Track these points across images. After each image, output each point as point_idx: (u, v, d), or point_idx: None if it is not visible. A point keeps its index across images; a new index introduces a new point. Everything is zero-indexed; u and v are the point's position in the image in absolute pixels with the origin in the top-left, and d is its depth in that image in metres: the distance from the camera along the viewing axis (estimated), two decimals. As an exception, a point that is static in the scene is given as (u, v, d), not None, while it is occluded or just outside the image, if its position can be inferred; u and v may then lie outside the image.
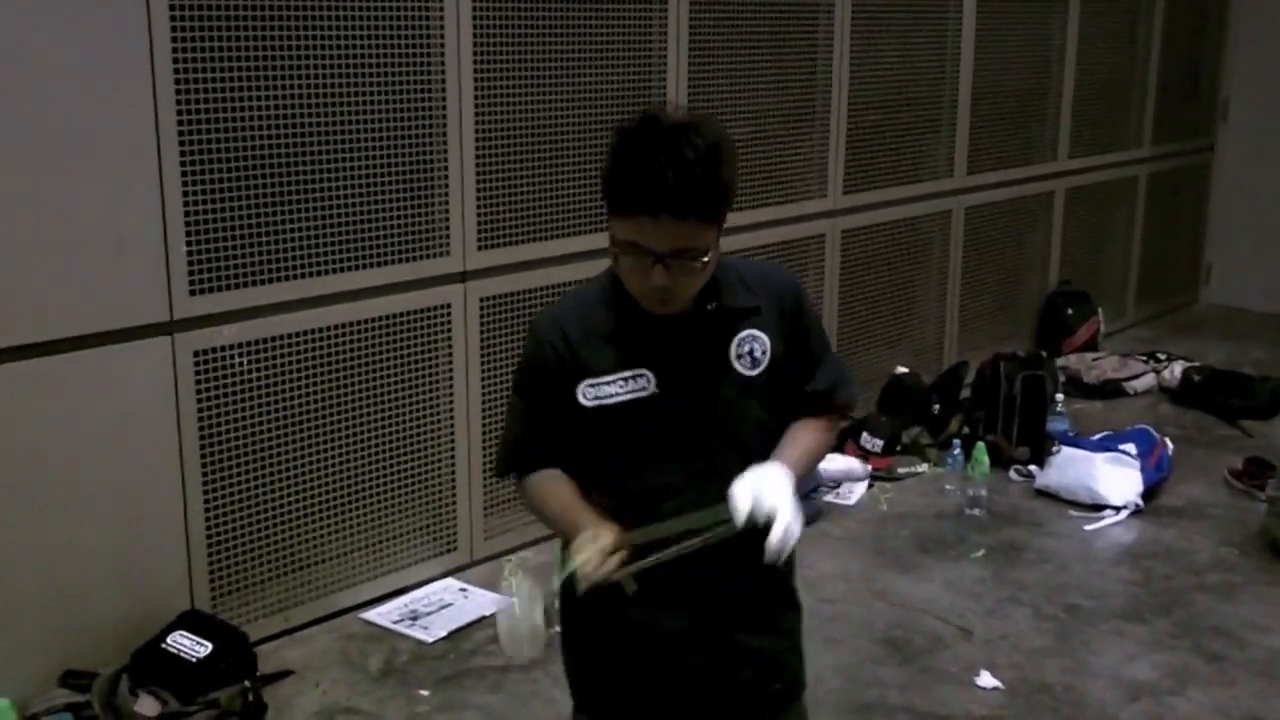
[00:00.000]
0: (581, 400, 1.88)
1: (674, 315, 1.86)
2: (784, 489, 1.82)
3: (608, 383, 1.88)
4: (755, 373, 1.92)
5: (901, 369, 5.25)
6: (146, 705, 2.93)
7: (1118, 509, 4.35)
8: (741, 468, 1.84)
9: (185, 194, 3.07)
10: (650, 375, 1.88)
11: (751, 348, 1.92)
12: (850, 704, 3.18)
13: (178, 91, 3.01)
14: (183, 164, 3.05)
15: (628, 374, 1.88)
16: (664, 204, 1.73)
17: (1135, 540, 4.22)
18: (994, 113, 5.67)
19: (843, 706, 3.17)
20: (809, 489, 4.25)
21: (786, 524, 1.79)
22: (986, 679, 3.28)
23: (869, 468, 4.58)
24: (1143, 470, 4.42)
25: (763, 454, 1.89)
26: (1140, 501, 4.38)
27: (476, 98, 3.61)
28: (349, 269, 3.43)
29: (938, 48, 5.31)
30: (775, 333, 1.93)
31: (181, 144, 3.04)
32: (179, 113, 3.02)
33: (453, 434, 3.76)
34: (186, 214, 3.08)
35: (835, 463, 4.48)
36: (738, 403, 1.92)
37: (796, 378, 1.97)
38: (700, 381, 1.90)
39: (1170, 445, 4.73)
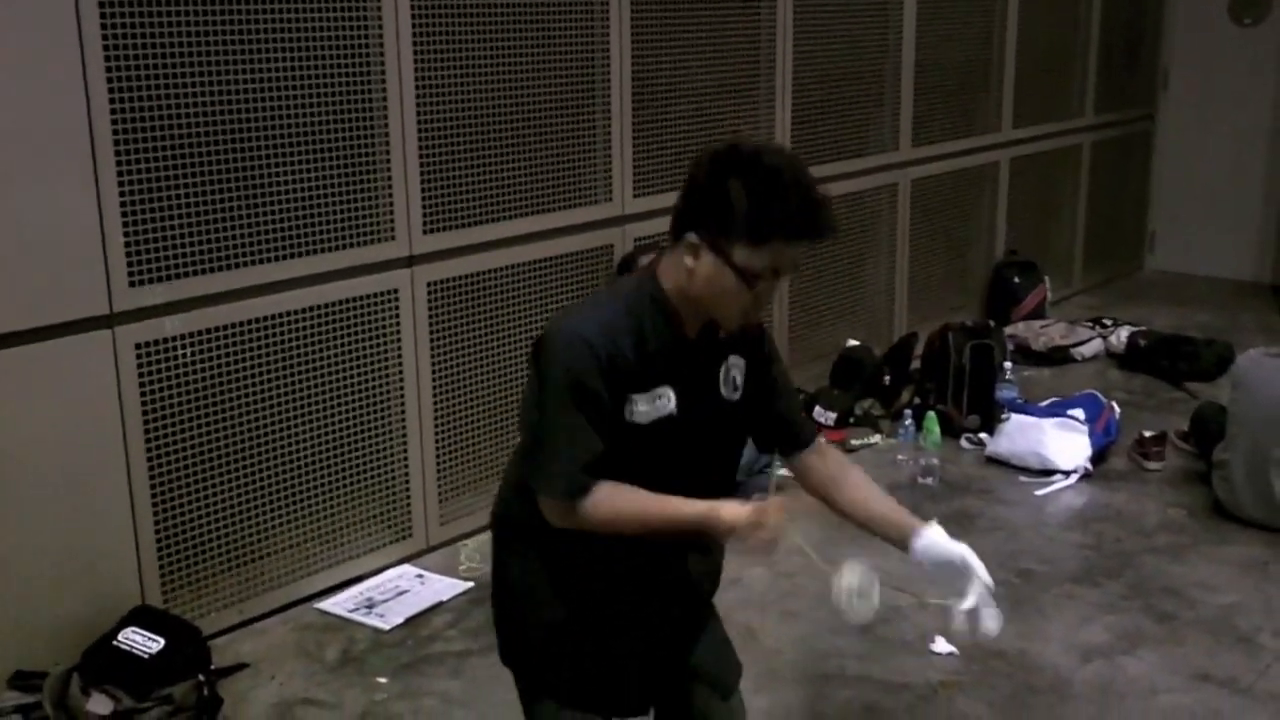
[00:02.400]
0: (627, 416, 1.92)
1: (689, 338, 1.97)
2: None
3: (643, 399, 1.93)
4: (737, 397, 2.04)
5: (852, 342, 5.28)
6: (99, 704, 2.89)
7: (1067, 474, 4.40)
8: (723, 487, 2.03)
9: (121, 183, 3.02)
10: (671, 394, 1.95)
11: (734, 374, 2.04)
12: (809, 675, 3.20)
13: (110, 79, 2.96)
14: (117, 153, 3.00)
15: (658, 392, 1.94)
16: (821, 236, 1.88)
17: (1085, 504, 4.28)
18: (938, 85, 5.70)
19: (801, 677, 3.19)
20: (765, 463, 4.26)
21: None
22: (942, 646, 3.31)
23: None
24: (1091, 435, 4.47)
25: (729, 477, 2.10)
26: (1089, 466, 4.44)
27: (417, 80, 3.57)
28: (293, 256, 3.39)
29: (880, 21, 5.32)
30: (747, 361, 2.06)
31: (115, 133, 2.98)
32: (111, 100, 2.97)
33: (404, 420, 3.74)
34: (123, 204, 3.03)
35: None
36: (728, 425, 2.05)
37: (761, 404, 2.09)
38: (707, 403, 2.00)
39: (1117, 410, 4.79)
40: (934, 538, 2.11)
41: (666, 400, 1.94)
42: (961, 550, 2.04)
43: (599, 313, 1.93)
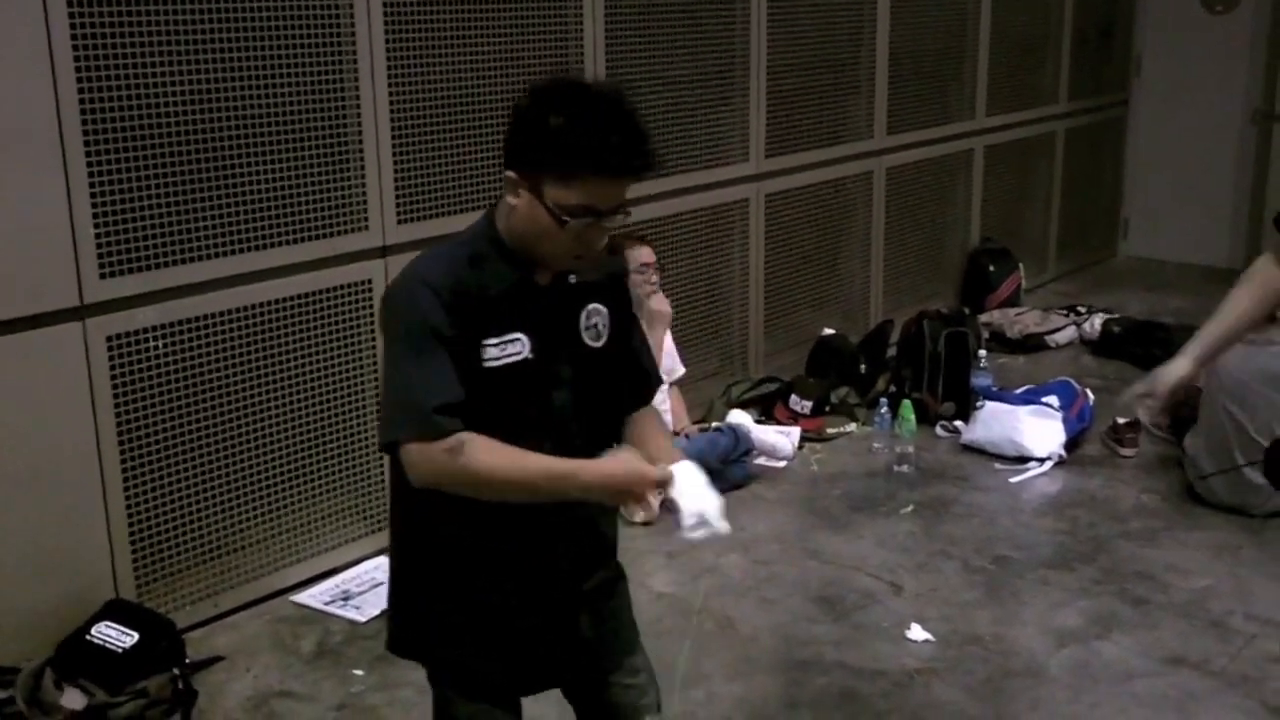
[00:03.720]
0: (479, 362, 1.84)
1: (541, 284, 1.90)
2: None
3: (494, 344, 1.85)
4: (599, 345, 1.97)
5: (828, 330, 5.29)
6: (72, 698, 2.87)
7: (1042, 460, 4.43)
8: (590, 440, 1.91)
9: (91, 174, 2.99)
10: (525, 340, 1.88)
11: (596, 321, 1.97)
12: (786, 662, 3.21)
13: (78, 68, 2.92)
14: (86, 143, 2.97)
15: (509, 337, 1.87)
16: (640, 165, 1.80)
17: (1060, 490, 4.30)
18: (912, 73, 5.70)
19: (778, 665, 3.20)
20: (741, 452, 4.27)
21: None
22: (918, 632, 3.33)
23: (795, 442, 4.58)
24: (1065, 422, 4.50)
25: (598, 429, 1.97)
26: (1063, 452, 4.46)
27: (390, 69, 3.55)
28: (266, 247, 3.37)
29: (854, 9, 5.31)
30: (611, 310, 2.00)
31: (84, 122, 2.95)
32: (80, 89, 2.93)
33: (378, 411, 3.72)
34: (93, 195, 3.00)
35: (767, 435, 4.50)
36: (589, 373, 1.96)
37: (621, 358, 2.03)
38: (564, 350, 1.93)
39: (1091, 396, 4.82)
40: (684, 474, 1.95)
41: (520, 345, 1.86)
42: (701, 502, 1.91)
43: (438, 260, 1.87)
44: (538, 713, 2.18)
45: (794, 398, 4.75)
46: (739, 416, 4.53)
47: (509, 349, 1.86)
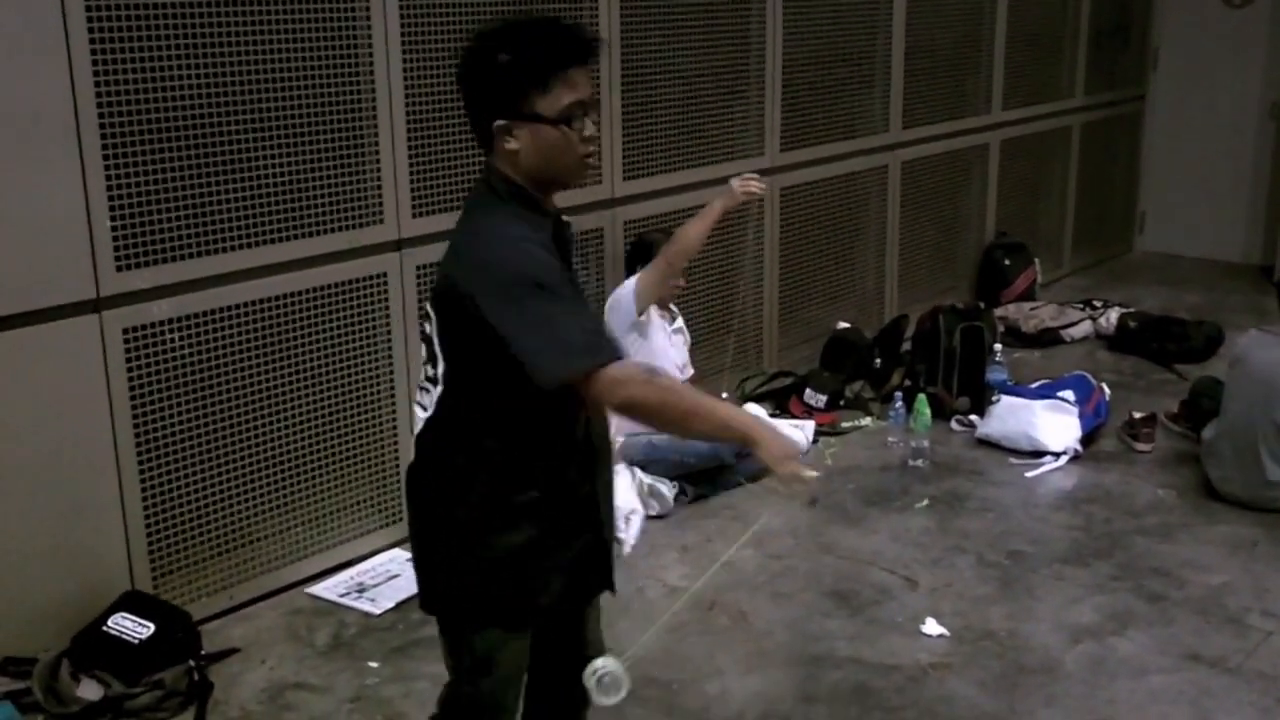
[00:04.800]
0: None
1: (560, 228, 2.04)
2: None
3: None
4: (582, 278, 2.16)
5: (843, 324, 5.28)
6: (89, 689, 2.89)
7: (1057, 455, 4.41)
8: None
9: (107, 167, 2.99)
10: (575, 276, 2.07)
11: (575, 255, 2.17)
12: (799, 656, 3.21)
13: (95, 61, 2.93)
14: (103, 136, 2.97)
15: (570, 276, 2.03)
16: (592, 41, 1.95)
17: (1075, 485, 4.29)
18: (928, 66, 5.68)
19: (792, 659, 3.20)
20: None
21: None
22: (932, 627, 3.32)
23: (809, 436, 4.57)
24: (1081, 416, 4.48)
25: None
26: (1079, 447, 4.44)
27: (405, 63, 3.55)
28: (281, 240, 3.38)
29: (870, 3, 5.30)
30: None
31: (101, 116, 2.96)
32: (97, 83, 2.94)
33: (394, 403, 3.73)
34: (110, 188, 3.01)
35: (781, 429, 4.47)
36: None
37: None
38: (577, 279, 2.10)
39: (1107, 391, 4.81)
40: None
41: (581, 280, 2.05)
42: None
43: (505, 226, 1.95)
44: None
45: (808, 392, 4.75)
46: (753, 410, 4.53)
47: (581, 285, 2.03)
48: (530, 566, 2.08)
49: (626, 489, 3.94)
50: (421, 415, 2.08)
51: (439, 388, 2.03)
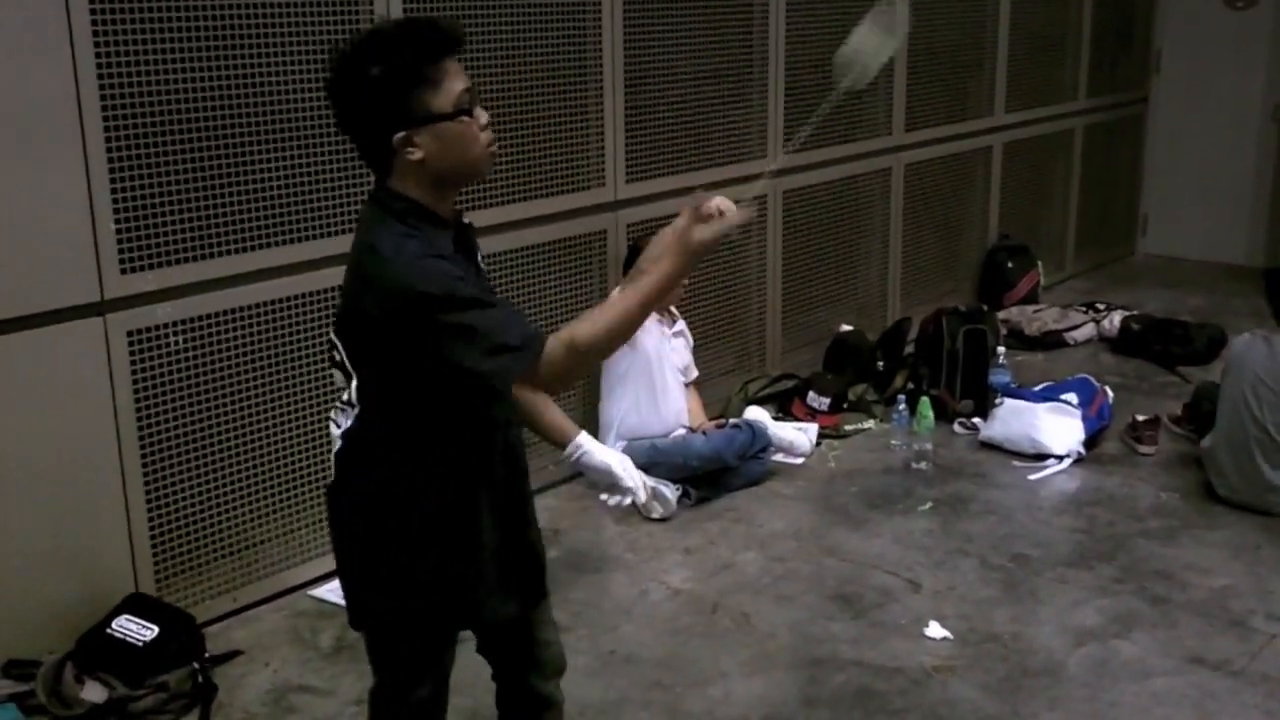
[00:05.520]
0: None
1: (462, 231, 2.02)
2: None
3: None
4: (489, 281, 2.13)
5: (846, 327, 5.28)
6: (93, 692, 2.89)
7: (1060, 458, 4.41)
8: None
9: (112, 169, 3.00)
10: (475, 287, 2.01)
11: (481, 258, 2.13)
12: (802, 659, 3.21)
13: (99, 63, 2.93)
14: (108, 139, 2.98)
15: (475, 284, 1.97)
16: (457, 37, 1.91)
17: (1078, 488, 4.28)
18: (931, 69, 5.68)
19: (795, 662, 3.20)
20: (758, 449, 4.27)
21: None
22: (936, 630, 3.32)
23: (813, 439, 4.57)
24: (1084, 419, 4.48)
25: None
26: (1082, 450, 4.44)
27: (409, 65, 3.55)
28: (286, 242, 3.38)
29: (874, 4, 5.29)
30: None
31: (105, 118, 2.96)
32: (101, 86, 2.95)
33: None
34: (114, 190, 3.01)
35: (784, 432, 4.49)
36: None
37: None
38: (482, 286, 2.05)
39: (1110, 394, 4.80)
40: (585, 445, 2.22)
41: (487, 276, 2.04)
42: (609, 460, 2.22)
43: (402, 242, 1.89)
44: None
45: (811, 394, 4.75)
46: (756, 413, 4.53)
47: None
48: (459, 574, 2.07)
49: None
50: (336, 433, 2.08)
51: (355, 408, 2.02)
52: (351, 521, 2.11)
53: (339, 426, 2.07)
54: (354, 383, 2.00)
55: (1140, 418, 4.57)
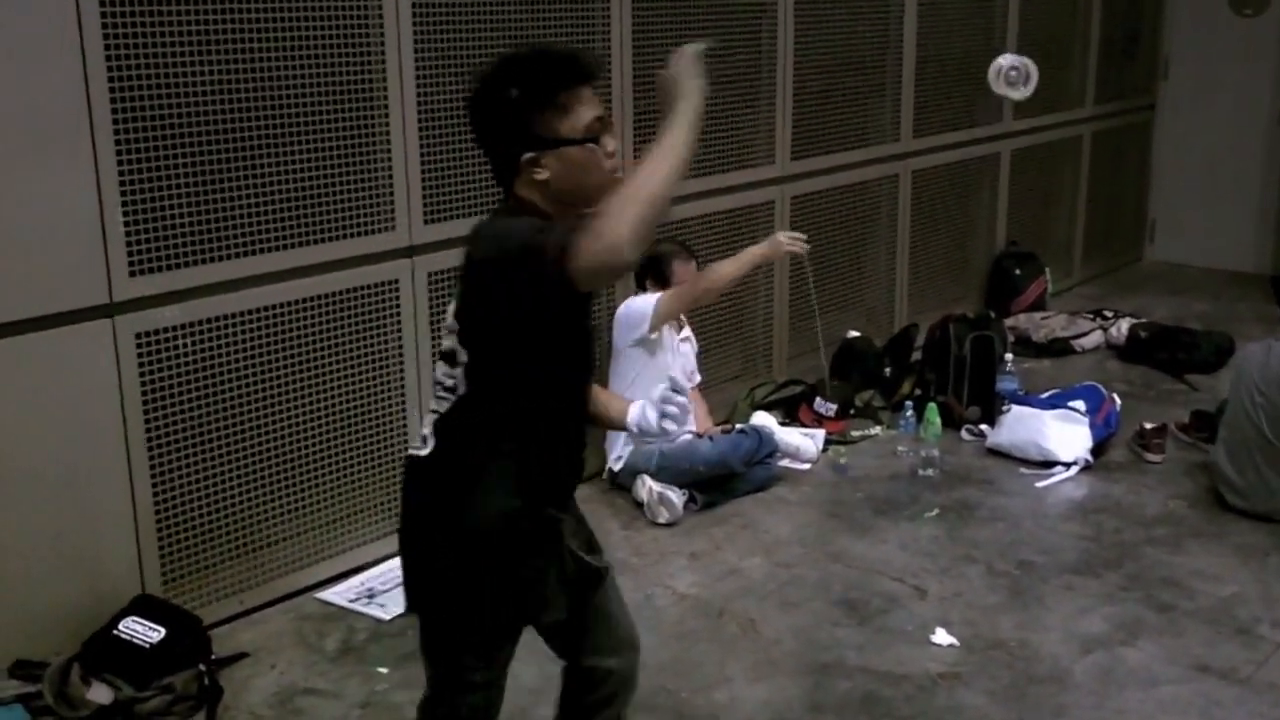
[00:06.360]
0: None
1: None
2: None
3: None
4: None
5: (853, 333, 5.28)
6: (100, 693, 2.89)
7: (1068, 465, 4.40)
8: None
9: (121, 172, 3.01)
10: None
11: None
12: (808, 665, 3.21)
13: (109, 67, 2.95)
14: (117, 142, 2.99)
15: None
16: (594, 68, 2.03)
17: (1085, 496, 4.28)
18: (939, 76, 5.68)
19: (800, 668, 3.19)
20: (764, 454, 4.26)
21: None
22: (942, 637, 3.31)
23: (819, 444, 4.57)
24: (1091, 426, 4.47)
25: None
26: (1089, 457, 4.44)
27: (418, 69, 3.57)
28: (294, 246, 3.39)
29: (882, 11, 5.30)
30: None
31: (115, 121, 2.98)
32: (111, 89, 2.96)
33: (404, 410, 3.74)
34: (123, 193, 3.02)
35: (791, 437, 4.49)
36: None
37: None
38: None
39: (1118, 401, 4.79)
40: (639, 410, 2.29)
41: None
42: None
43: (514, 217, 1.99)
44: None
45: (818, 400, 4.74)
46: (763, 418, 4.53)
47: None
48: (537, 568, 2.10)
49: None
50: (430, 418, 2.10)
51: (454, 396, 2.06)
52: (427, 501, 2.11)
53: (436, 413, 2.10)
54: (460, 368, 2.03)
55: (1148, 425, 4.57)
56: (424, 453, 2.10)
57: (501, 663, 2.20)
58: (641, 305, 4.11)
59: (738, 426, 4.41)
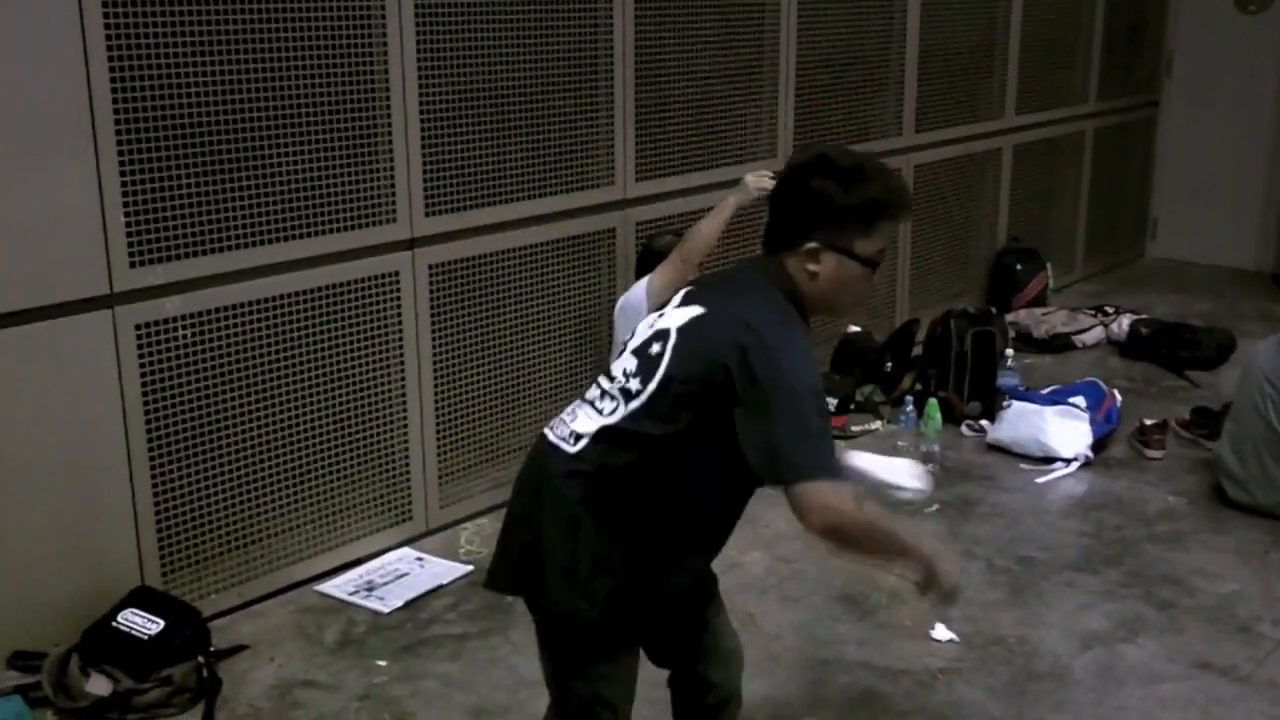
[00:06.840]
0: None
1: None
2: None
3: None
4: None
5: (854, 328, 5.26)
6: (98, 684, 2.89)
7: (1068, 461, 4.40)
8: None
9: (122, 163, 3.00)
10: None
11: None
12: (808, 660, 3.20)
13: (111, 58, 2.94)
14: (118, 133, 2.98)
15: None
16: (910, 202, 2.21)
17: (1086, 492, 4.27)
18: (942, 70, 5.67)
19: (801, 663, 3.19)
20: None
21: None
22: (942, 632, 3.31)
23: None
24: (1092, 422, 4.47)
25: None
26: (1090, 453, 4.43)
27: (420, 61, 3.56)
28: (294, 238, 3.38)
29: (884, 6, 5.29)
30: None
31: (116, 112, 2.97)
32: (113, 79, 2.95)
33: (405, 403, 3.73)
34: (124, 184, 3.01)
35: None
36: None
37: None
38: None
39: (1119, 397, 4.79)
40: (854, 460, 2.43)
41: None
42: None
43: (794, 329, 2.07)
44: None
45: (819, 395, 4.73)
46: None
47: None
48: (656, 598, 2.18)
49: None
50: (594, 419, 2.09)
51: (634, 404, 2.06)
52: (584, 517, 2.09)
53: (598, 411, 2.09)
54: (650, 387, 2.05)
55: (1148, 422, 4.56)
56: (573, 450, 2.09)
57: (629, 677, 2.27)
58: (637, 291, 4.10)
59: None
